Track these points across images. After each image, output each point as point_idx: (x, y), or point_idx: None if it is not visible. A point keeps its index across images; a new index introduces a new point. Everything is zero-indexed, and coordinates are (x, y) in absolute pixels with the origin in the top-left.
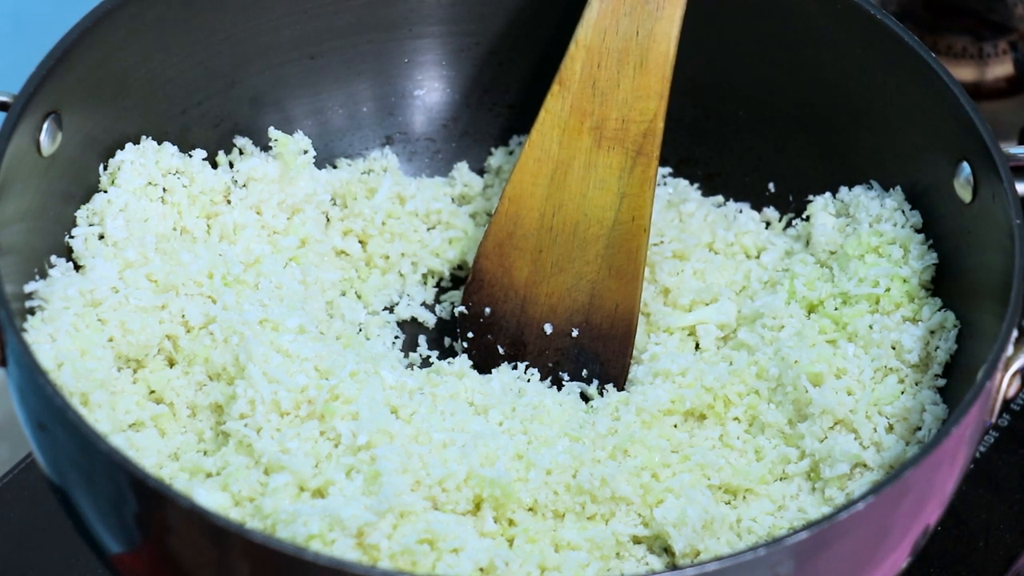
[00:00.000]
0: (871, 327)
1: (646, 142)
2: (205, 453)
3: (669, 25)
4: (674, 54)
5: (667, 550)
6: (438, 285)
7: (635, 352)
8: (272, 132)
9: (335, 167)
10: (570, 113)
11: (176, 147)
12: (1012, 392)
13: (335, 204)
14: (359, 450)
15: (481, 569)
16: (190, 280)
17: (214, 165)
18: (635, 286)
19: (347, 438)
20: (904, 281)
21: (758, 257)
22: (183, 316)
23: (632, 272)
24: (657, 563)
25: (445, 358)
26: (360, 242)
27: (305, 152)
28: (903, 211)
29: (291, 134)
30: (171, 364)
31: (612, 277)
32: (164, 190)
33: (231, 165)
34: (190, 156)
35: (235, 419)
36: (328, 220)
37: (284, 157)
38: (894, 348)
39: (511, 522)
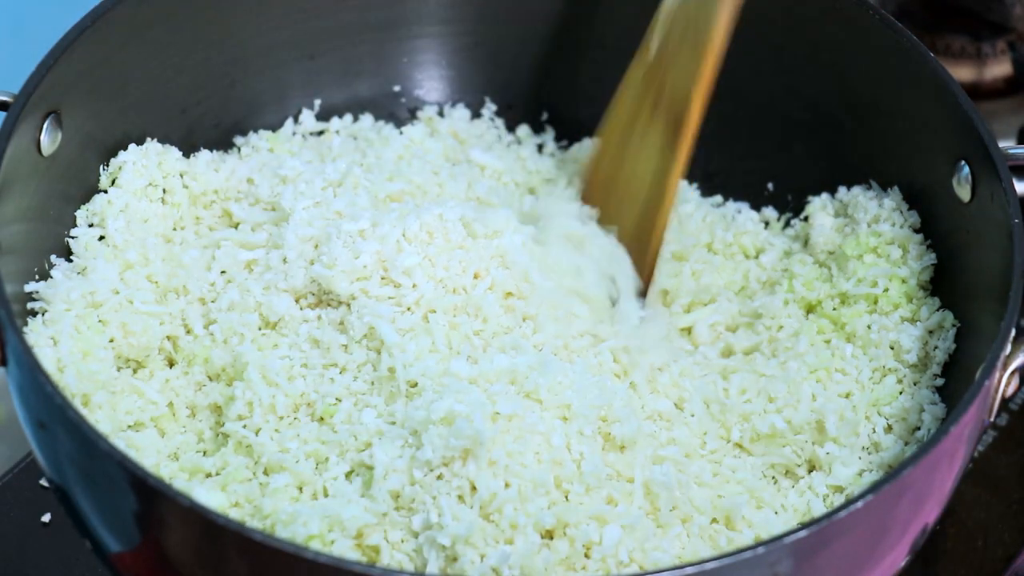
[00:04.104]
0: (870, 327)
1: (686, 118)
2: (204, 453)
3: (725, 10)
4: (723, 40)
5: None
6: None
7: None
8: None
9: None
10: (642, 82)
11: (176, 147)
12: (1011, 391)
13: None
14: (359, 451)
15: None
16: (191, 281)
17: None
18: (650, 256)
19: (347, 439)
20: (903, 281)
21: (757, 257)
22: (184, 317)
23: (648, 241)
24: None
25: None
26: None
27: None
28: (901, 211)
29: (291, 134)
30: (171, 364)
31: (637, 240)
32: (164, 191)
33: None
34: (191, 157)
35: (233, 420)
36: None
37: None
38: (892, 348)
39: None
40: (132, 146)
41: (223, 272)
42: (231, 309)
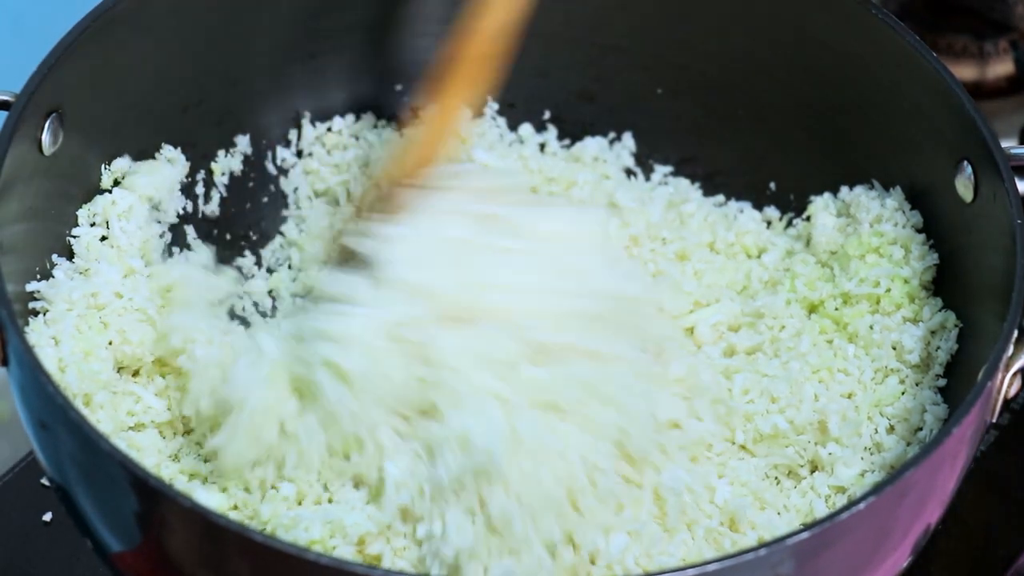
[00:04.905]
0: (872, 327)
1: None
2: (206, 461)
3: None
4: None
5: None
6: None
7: None
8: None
9: None
10: None
11: (177, 147)
12: (1013, 392)
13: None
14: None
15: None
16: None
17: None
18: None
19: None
20: (905, 281)
21: (759, 257)
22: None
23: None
24: None
25: None
26: None
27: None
28: (903, 211)
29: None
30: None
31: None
32: (166, 191)
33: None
34: (191, 157)
35: None
36: None
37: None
38: (895, 348)
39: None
40: (133, 146)
41: None
42: None
